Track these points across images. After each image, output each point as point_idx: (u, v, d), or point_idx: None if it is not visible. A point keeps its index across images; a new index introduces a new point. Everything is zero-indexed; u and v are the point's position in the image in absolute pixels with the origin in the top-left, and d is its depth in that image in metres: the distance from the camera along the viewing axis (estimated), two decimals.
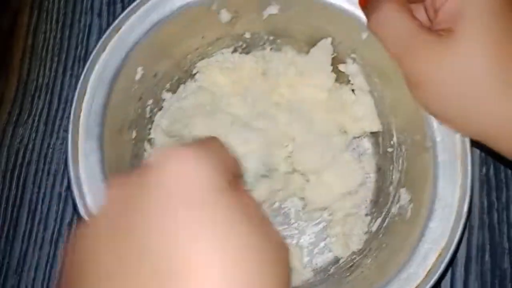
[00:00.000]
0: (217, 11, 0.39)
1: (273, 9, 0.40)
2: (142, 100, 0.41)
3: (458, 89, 0.32)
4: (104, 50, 0.36)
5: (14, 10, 0.49)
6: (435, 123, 0.35)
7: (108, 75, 0.36)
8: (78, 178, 0.34)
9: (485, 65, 0.31)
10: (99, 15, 0.49)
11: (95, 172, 0.34)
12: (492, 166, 0.45)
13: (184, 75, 0.44)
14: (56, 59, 0.48)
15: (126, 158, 0.40)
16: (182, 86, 0.44)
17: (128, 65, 0.37)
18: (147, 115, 0.42)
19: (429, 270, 0.33)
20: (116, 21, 0.37)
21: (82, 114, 0.35)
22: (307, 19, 0.40)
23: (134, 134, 0.41)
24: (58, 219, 0.45)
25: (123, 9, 0.48)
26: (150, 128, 0.43)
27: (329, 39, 0.41)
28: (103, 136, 0.36)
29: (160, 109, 0.43)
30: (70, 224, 0.45)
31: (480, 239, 0.44)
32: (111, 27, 0.37)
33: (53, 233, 0.45)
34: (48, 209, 0.45)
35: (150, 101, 0.42)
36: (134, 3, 0.37)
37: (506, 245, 0.44)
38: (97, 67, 0.36)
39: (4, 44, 0.48)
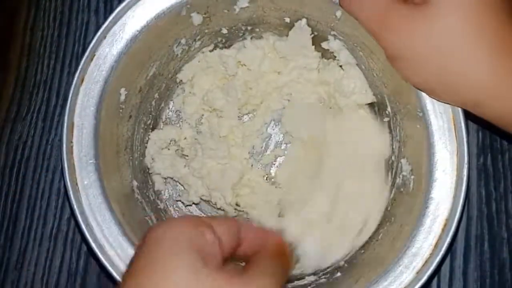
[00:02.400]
0: (188, 16, 0.39)
1: (243, 2, 0.40)
2: (133, 118, 0.41)
3: (437, 58, 0.32)
4: (82, 82, 0.37)
5: (11, 8, 0.50)
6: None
7: (92, 105, 0.37)
8: (83, 213, 0.35)
9: (463, 32, 0.31)
10: (96, 12, 0.49)
11: (98, 204, 0.35)
12: (489, 156, 0.45)
13: (170, 82, 0.44)
14: (53, 56, 0.49)
15: (128, 178, 0.40)
16: (169, 94, 0.44)
17: (110, 89, 0.37)
18: (141, 130, 0.43)
19: (436, 244, 0.33)
20: (88, 50, 0.37)
21: (74, 149, 0.36)
22: (279, 4, 0.40)
23: (132, 153, 0.41)
24: (58, 215, 0.45)
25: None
26: (147, 142, 0.43)
27: (304, 20, 0.41)
28: (99, 165, 0.36)
29: (153, 121, 0.44)
30: (69, 219, 0.45)
31: (478, 229, 0.44)
32: (84, 58, 0.37)
33: (52, 228, 0.45)
34: (48, 205, 0.46)
35: (141, 116, 0.42)
36: (102, 28, 0.37)
37: (505, 234, 0.44)
38: (79, 100, 0.36)
39: (2, 42, 0.49)
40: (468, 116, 0.35)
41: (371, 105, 0.43)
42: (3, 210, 0.45)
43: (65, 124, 0.36)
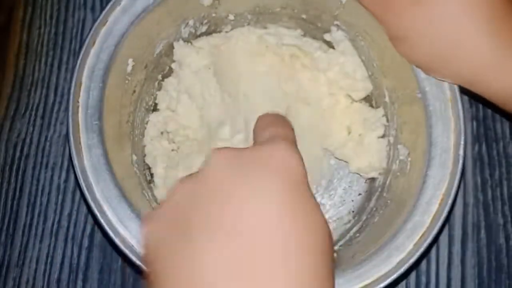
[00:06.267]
0: None
1: None
2: (136, 93, 0.41)
3: (440, 39, 0.33)
4: (93, 44, 0.37)
5: (8, 6, 0.50)
6: (422, 74, 0.36)
7: (101, 69, 0.37)
8: (84, 171, 0.35)
9: (465, 11, 0.32)
10: (92, 9, 0.50)
11: (100, 164, 0.35)
12: (484, 144, 0.46)
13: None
14: (51, 53, 0.49)
15: (128, 150, 0.41)
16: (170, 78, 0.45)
17: (119, 57, 0.38)
18: (143, 109, 0.43)
19: (433, 217, 0.34)
20: (102, 15, 0.38)
21: (80, 108, 0.36)
22: None
23: (132, 128, 0.41)
24: (58, 211, 0.45)
25: None
26: (146, 123, 0.44)
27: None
28: (103, 127, 0.36)
29: (154, 104, 0.44)
30: (69, 215, 0.45)
31: (475, 216, 0.44)
32: (97, 22, 0.37)
33: (52, 224, 0.45)
34: (48, 201, 0.46)
35: (144, 94, 0.43)
36: None
37: (501, 221, 0.44)
38: (88, 62, 0.37)
39: None
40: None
41: (368, 98, 0.44)
42: (4, 208, 0.46)
43: (73, 83, 0.36)
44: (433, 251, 0.44)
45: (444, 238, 0.44)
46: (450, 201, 0.34)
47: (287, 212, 0.23)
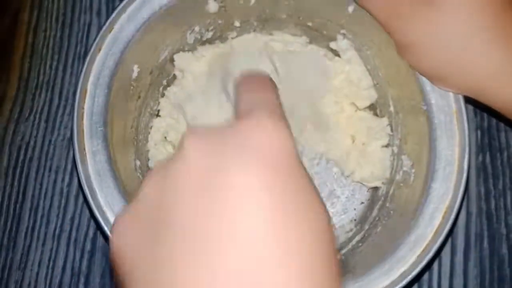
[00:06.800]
0: (205, 2, 0.40)
1: None
2: (141, 99, 0.42)
3: (447, 47, 0.33)
4: (99, 51, 0.37)
5: (14, 9, 0.50)
6: (428, 86, 0.36)
7: (106, 76, 0.37)
8: (88, 178, 0.35)
9: (473, 20, 0.32)
10: (98, 13, 0.50)
11: (104, 171, 0.35)
12: (488, 154, 0.46)
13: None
14: (56, 57, 0.49)
15: (132, 155, 0.41)
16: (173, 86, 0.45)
17: (124, 64, 0.38)
18: (147, 114, 0.43)
19: (436, 230, 0.34)
20: (108, 22, 0.38)
21: (85, 115, 0.36)
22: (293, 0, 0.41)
23: (136, 133, 0.42)
24: (60, 215, 0.45)
25: None
26: (151, 128, 0.44)
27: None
28: (108, 133, 0.36)
29: (158, 109, 0.44)
30: (72, 219, 0.45)
31: (478, 226, 0.44)
32: (103, 29, 0.38)
33: (55, 228, 0.45)
34: (50, 205, 0.46)
35: (149, 99, 0.43)
36: (123, 2, 0.38)
37: (504, 231, 0.44)
38: (94, 68, 0.37)
39: (4, 43, 0.49)
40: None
41: (373, 107, 0.44)
42: (7, 210, 0.46)
43: (79, 90, 0.36)
44: (435, 260, 0.44)
45: (446, 248, 0.44)
46: (453, 215, 0.34)
47: (278, 213, 0.21)
